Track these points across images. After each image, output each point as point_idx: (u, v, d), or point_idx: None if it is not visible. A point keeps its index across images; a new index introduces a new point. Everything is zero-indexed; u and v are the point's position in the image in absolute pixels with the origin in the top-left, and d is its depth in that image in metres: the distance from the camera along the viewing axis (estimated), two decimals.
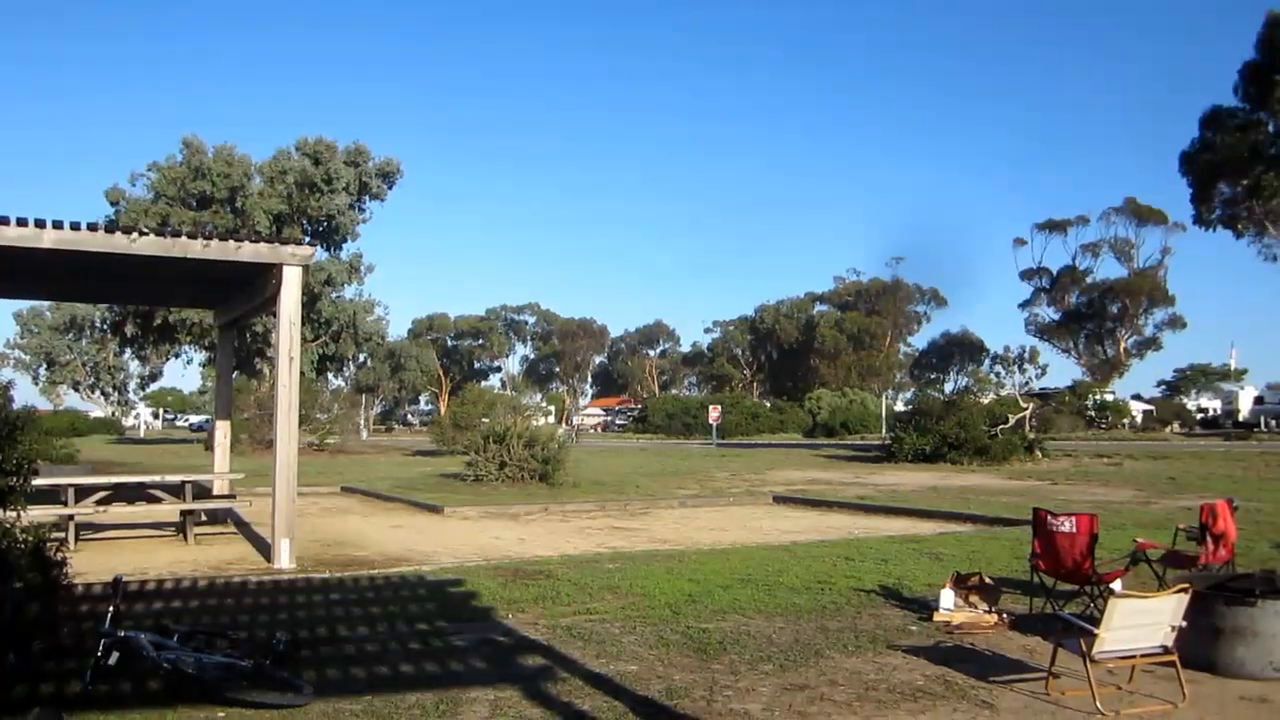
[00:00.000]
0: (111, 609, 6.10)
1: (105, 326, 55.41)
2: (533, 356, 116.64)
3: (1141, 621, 5.90)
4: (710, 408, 60.92)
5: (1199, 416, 67.28)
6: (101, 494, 13.09)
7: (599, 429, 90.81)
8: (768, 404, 79.20)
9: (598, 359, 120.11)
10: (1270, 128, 34.56)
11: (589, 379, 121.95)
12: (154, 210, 42.98)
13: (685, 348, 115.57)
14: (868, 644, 7.34)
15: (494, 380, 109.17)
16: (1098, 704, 5.69)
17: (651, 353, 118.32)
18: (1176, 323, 77.77)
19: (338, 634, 7.62)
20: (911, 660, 6.90)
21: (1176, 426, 59.88)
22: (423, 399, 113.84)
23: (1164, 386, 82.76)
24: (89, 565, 10.64)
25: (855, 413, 64.52)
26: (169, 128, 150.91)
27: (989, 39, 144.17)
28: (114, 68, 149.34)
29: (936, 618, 8.05)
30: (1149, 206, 76.07)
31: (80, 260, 11.51)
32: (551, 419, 64.88)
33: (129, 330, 46.30)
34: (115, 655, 5.82)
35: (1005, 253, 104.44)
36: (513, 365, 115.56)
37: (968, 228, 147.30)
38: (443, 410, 74.82)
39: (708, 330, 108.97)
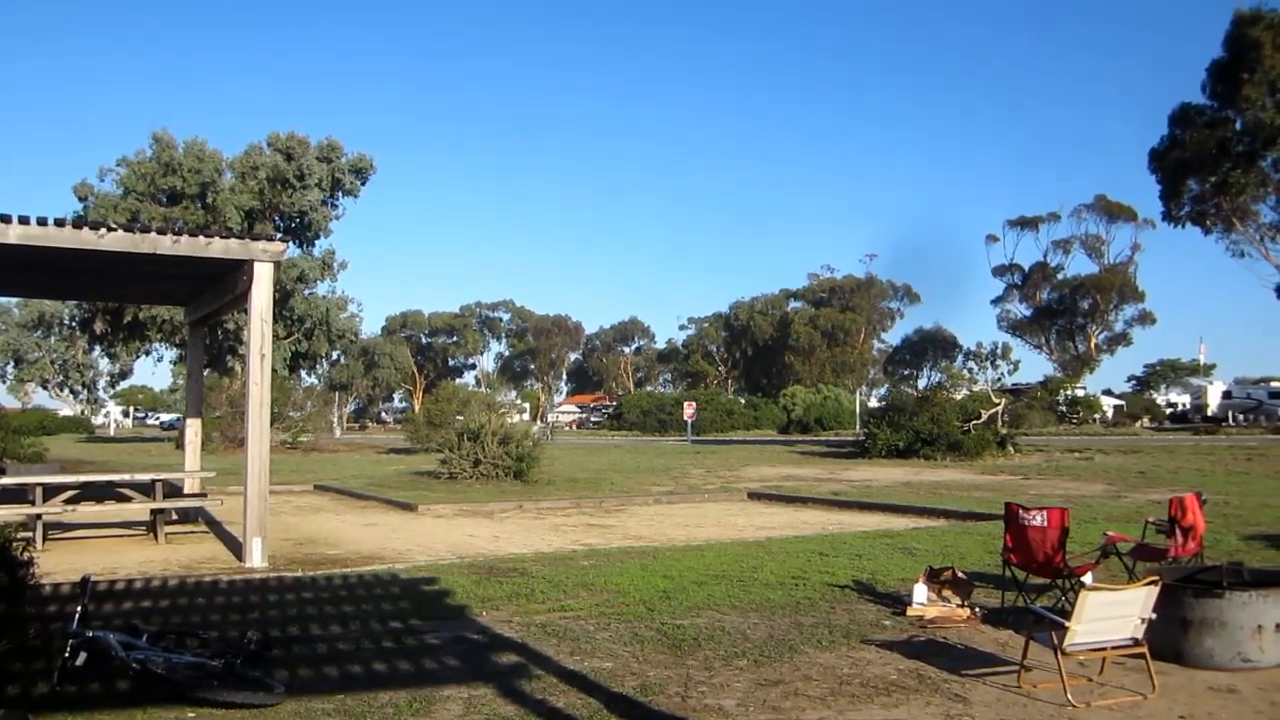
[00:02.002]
0: (80, 609, 6.02)
1: (74, 323, 54.78)
2: (507, 354, 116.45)
3: (1112, 614, 5.95)
4: (685, 404, 61.04)
5: (1168, 411, 68.09)
6: (70, 493, 12.91)
7: (574, 426, 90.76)
8: (742, 400, 79.48)
9: (573, 356, 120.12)
10: (1238, 125, 34.93)
11: (564, 376, 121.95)
12: (123, 206, 42.52)
13: (660, 345, 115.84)
14: (841, 639, 7.37)
15: (468, 378, 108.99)
16: (1069, 696, 5.73)
17: (626, 350, 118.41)
18: (1146, 318, 78.63)
19: (310, 633, 7.57)
20: (885, 655, 6.93)
21: (1146, 421, 60.54)
22: (397, 396, 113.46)
23: (1134, 382, 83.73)
24: (57, 565, 10.53)
25: (829, 409, 64.78)
26: (139, 122, 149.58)
27: (963, 38, 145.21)
28: (83, 61, 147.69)
29: (910, 612, 8.09)
30: (1119, 203, 76.82)
31: (47, 256, 11.34)
32: (526, 416, 64.74)
33: (98, 327, 45.76)
34: (83, 655, 5.75)
35: (978, 249, 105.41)
36: (487, 362, 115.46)
37: (941, 225, 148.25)
38: (417, 408, 74.54)
39: (683, 327, 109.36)
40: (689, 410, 59.49)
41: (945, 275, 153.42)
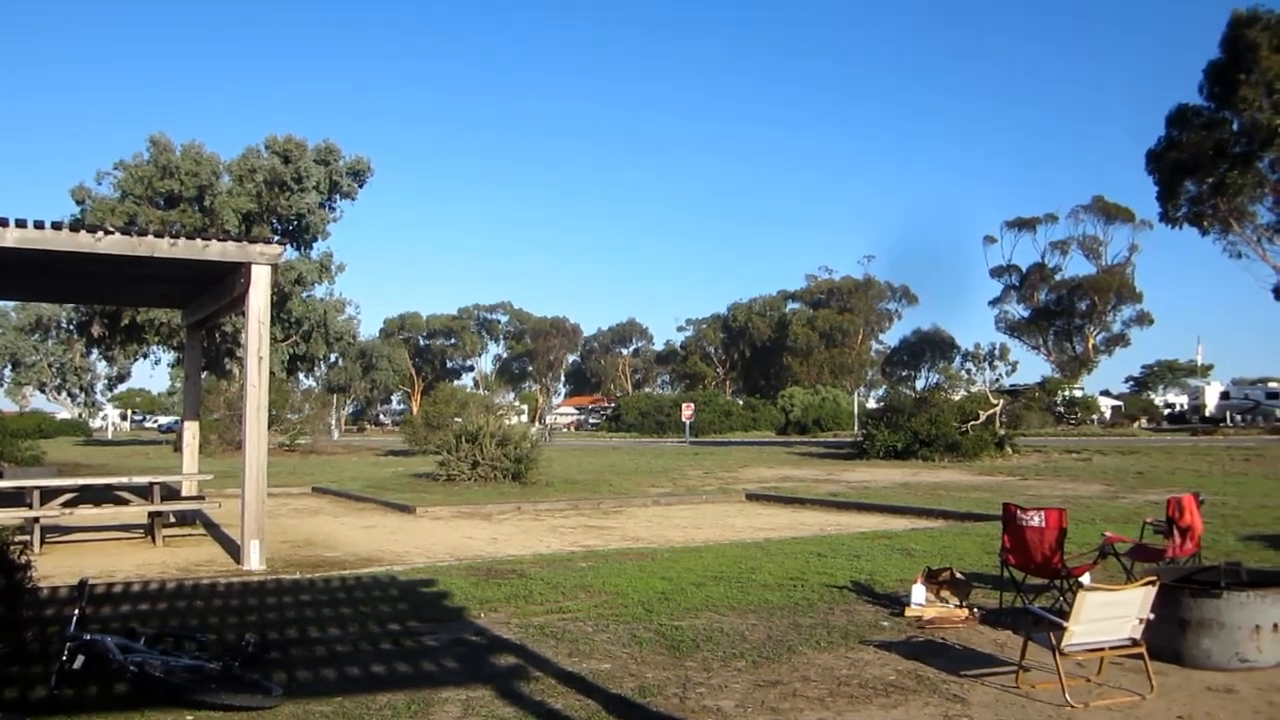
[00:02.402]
0: (77, 612, 6.01)
1: (72, 327, 54.78)
2: (505, 355, 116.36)
3: (1110, 614, 5.95)
4: (683, 406, 61.07)
5: (1166, 412, 68.16)
6: (68, 496, 12.89)
7: (572, 428, 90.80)
8: (741, 402, 79.47)
9: (571, 358, 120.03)
10: (1235, 126, 34.98)
11: (562, 378, 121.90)
12: (121, 209, 42.53)
13: (658, 346, 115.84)
14: (840, 640, 7.37)
15: (466, 380, 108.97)
16: (1067, 696, 5.73)
17: (625, 351, 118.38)
18: (1144, 319, 78.72)
19: (308, 635, 7.56)
20: (883, 655, 6.93)
21: (1144, 422, 60.57)
22: (395, 399, 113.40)
23: (1132, 382, 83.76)
24: (55, 568, 10.52)
25: (828, 410, 64.80)
26: (136, 126, 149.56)
27: (961, 39, 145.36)
28: (80, 64, 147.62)
29: (908, 613, 8.08)
30: (1117, 204, 76.93)
31: (45, 260, 11.34)
32: (524, 418, 64.74)
33: (96, 331, 45.79)
34: (81, 659, 5.74)
35: (976, 250, 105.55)
36: (485, 364, 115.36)
37: (939, 226, 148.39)
38: (415, 410, 74.47)
39: (681, 329, 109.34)
40: (687, 411, 59.52)
41: (943, 276, 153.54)
